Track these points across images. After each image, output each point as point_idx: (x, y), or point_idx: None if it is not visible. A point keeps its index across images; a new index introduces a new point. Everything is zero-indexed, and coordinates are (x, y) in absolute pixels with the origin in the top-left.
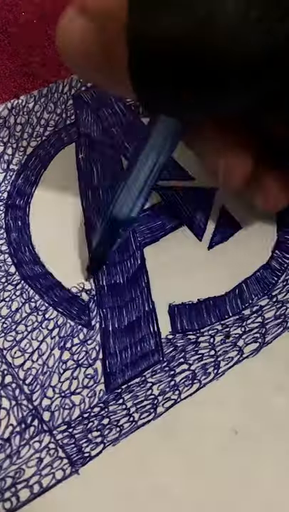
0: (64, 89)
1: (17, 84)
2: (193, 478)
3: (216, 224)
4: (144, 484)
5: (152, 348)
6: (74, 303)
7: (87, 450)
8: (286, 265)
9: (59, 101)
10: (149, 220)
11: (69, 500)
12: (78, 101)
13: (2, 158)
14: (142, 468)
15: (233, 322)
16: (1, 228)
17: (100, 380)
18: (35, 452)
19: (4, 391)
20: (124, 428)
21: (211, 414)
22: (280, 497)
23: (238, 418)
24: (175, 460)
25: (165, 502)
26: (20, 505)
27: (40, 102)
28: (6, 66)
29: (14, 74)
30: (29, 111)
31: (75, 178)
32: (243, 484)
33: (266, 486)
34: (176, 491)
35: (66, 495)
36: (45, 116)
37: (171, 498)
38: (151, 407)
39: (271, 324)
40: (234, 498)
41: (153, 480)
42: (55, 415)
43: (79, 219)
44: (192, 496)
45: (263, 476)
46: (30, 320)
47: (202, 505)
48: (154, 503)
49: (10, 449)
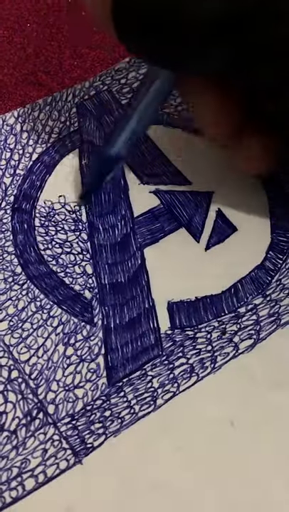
0: (68, 98)
1: (23, 92)
2: (192, 467)
3: (212, 226)
4: (144, 473)
5: (152, 343)
6: (77, 301)
7: (90, 441)
8: (279, 266)
9: (63, 109)
10: (148, 222)
11: (72, 489)
12: (81, 109)
13: (9, 163)
14: (142, 458)
15: (229, 319)
16: (8, 231)
17: (102, 374)
18: (40, 443)
19: (11, 385)
20: (126, 420)
21: (208, 407)
22: (276, 486)
23: (234, 410)
24: (174, 450)
25: (165, 491)
26: (25, 494)
27: (45, 110)
28: (12, 75)
29: (20, 82)
30: (34, 118)
31: (79, 183)
32: (240, 473)
33: (263, 475)
34: (176, 480)
35: (70, 484)
36: (49, 124)
37: (171, 487)
38: (151, 400)
39: (265, 322)
40: (231, 487)
41: (153, 469)
42: (59, 408)
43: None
44: (191, 484)
45: (260, 465)
46: (35, 318)
47: (201, 494)
48: (155, 492)
49: (16, 440)
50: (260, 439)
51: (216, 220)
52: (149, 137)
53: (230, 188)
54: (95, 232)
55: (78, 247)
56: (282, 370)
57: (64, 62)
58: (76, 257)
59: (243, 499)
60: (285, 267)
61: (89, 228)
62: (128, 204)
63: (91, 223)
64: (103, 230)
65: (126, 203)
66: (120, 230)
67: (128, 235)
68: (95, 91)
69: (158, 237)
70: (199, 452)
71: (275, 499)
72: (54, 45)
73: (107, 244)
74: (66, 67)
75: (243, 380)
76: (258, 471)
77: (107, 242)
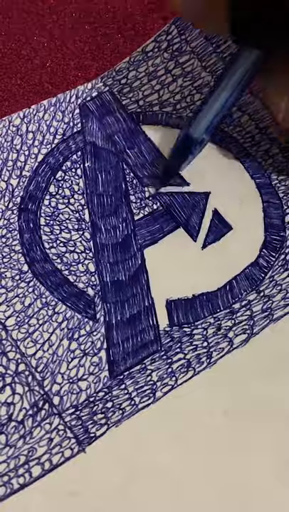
0: (71, 99)
1: (29, 101)
2: (189, 455)
3: (208, 226)
4: (144, 461)
5: (151, 338)
6: (81, 298)
7: (93, 431)
8: (272, 263)
9: (66, 110)
10: (148, 224)
11: (76, 476)
12: (84, 110)
13: (15, 165)
14: (142, 446)
15: (224, 315)
16: (15, 230)
17: (104, 367)
18: (46, 433)
19: (18, 378)
20: (126, 411)
21: (204, 399)
22: (267, 471)
23: (228, 402)
24: (172, 439)
25: (164, 477)
26: (32, 481)
27: (49, 111)
28: (20, 85)
29: (27, 92)
30: (39, 119)
31: (82, 184)
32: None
33: (254, 462)
34: (174, 467)
35: (74, 471)
36: (54, 125)
37: (170, 474)
38: (151, 392)
39: (259, 317)
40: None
41: (152, 457)
42: (63, 399)
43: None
44: (188, 471)
45: (252, 453)
46: (41, 314)
47: (197, 480)
48: (154, 478)
49: (23, 430)
50: (253, 430)
51: (212, 220)
52: (148, 138)
53: (226, 188)
54: (98, 232)
55: (81, 245)
56: (274, 363)
57: (68, 73)
58: (79, 255)
59: (236, 484)
60: (277, 264)
61: (92, 228)
62: (129, 207)
63: (94, 223)
64: (105, 230)
65: (127, 206)
66: (122, 231)
67: (129, 236)
68: (96, 92)
69: (157, 238)
70: (196, 441)
71: (266, 483)
72: (59, 57)
73: (108, 243)
74: (70, 78)
75: (237, 373)
76: (250, 458)
77: (109, 242)
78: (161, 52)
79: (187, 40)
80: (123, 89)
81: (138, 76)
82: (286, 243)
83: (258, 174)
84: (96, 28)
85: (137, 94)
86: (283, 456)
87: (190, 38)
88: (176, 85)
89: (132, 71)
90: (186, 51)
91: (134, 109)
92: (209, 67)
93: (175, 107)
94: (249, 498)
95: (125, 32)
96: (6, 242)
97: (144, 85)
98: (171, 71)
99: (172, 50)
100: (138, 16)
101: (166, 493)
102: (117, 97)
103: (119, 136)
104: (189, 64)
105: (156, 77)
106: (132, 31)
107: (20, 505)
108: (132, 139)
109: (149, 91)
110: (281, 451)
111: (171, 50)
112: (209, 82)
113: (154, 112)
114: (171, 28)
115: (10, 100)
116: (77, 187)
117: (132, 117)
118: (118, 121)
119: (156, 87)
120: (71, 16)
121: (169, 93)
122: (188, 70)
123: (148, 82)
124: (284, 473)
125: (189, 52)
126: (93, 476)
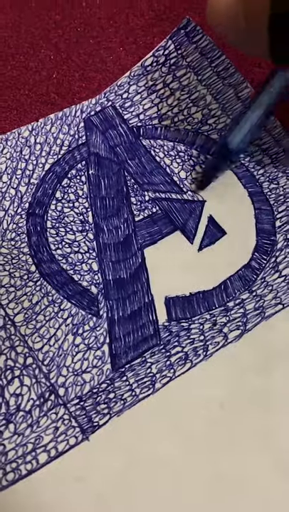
0: (76, 114)
1: (37, 111)
2: (187, 443)
3: (204, 230)
4: (144, 449)
5: (151, 333)
6: (85, 296)
7: (96, 420)
8: (264, 265)
9: (72, 123)
10: (148, 225)
11: (81, 462)
12: (88, 124)
13: (24, 173)
14: (142, 434)
15: (219, 312)
16: (23, 233)
17: (106, 360)
18: (52, 422)
19: (26, 371)
20: (128, 401)
21: (200, 390)
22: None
23: (223, 393)
24: (171, 428)
25: (163, 464)
26: (39, 467)
27: (56, 125)
28: (28, 96)
29: (35, 102)
30: (47, 132)
31: (86, 189)
32: (228, 449)
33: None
34: (172, 454)
35: (78, 458)
36: (60, 137)
37: (168, 461)
38: (150, 383)
39: (251, 314)
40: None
41: (152, 445)
42: (68, 391)
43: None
44: (186, 458)
45: (246, 442)
46: (47, 311)
47: (194, 466)
48: (153, 465)
49: (31, 419)
50: (246, 419)
51: (207, 225)
52: (148, 151)
53: (220, 197)
54: (100, 233)
55: (85, 246)
56: (266, 357)
57: (73, 84)
58: (83, 255)
59: (231, 471)
60: (268, 266)
61: (95, 229)
62: (130, 209)
63: (97, 224)
64: (107, 231)
65: (128, 207)
66: (123, 232)
67: (130, 236)
68: (100, 107)
69: (156, 239)
70: (193, 430)
71: (259, 471)
72: (64, 69)
73: (111, 243)
74: (75, 89)
75: (231, 366)
76: (245, 447)
77: (111, 242)
78: (160, 66)
79: (183, 55)
80: (125, 104)
81: (138, 90)
82: (276, 247)
83: (251, 183)
84: (99, 41)
85: (137, 108)
86: (275, 443)
87: (186, 53)
88: (173, 98)
89: (133, 85)
90: (183, 65)
91: (134, 123)
92: (204, 81)
93: (173, 119)
94: (244, 483)
95: (127, 45)
96: (15, 244)
97: (144, 99)
98: (169, 85)
99: (170, 65)
100: (139, 31)
101: (164, 479)
102: (119, 111)
103: (121, 148)
104: (186, 78)
105: (155, 90)
106: (133, 45)
107: (29, 490)
108: (133, 151)
109: (148, 105)
110: (273, 439)
111: (168, 65)
112: (205, 95)
113: (153, 126)
114: (168, 43)
115: (18, 109)
116: (81, 192)
117: (133, 131)
118: (120, 134)
119: (155, 100)
120: (76, 31)
121: (168, 106)
122: (184, 84)
123: (148, 96)
124: (277, 460)
125: (186, 67)
126: (97, 462)
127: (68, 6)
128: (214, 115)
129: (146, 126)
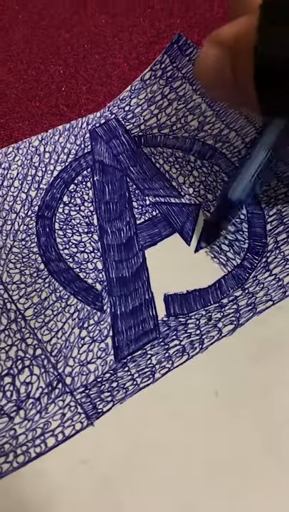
0: (82, 125)
1: (48, 122)
2: (184, 427)
3: (200, 232)
4: (145, 433)
5: (151, 327)
6: (90, 292)
7: (100, 407)
8: (255, 265)
9: (78, 134)
10: (149, 228)
11: (86, 446)
12: (93, 134)
13: (34, 179)
14: (143, 420)
15: (214, 308)
16: (33, 234)
17: (110, 352)
18: (59, 409)
19: (35, 361)
20: (129, 390)
21: (196, 380)
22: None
23: (218, 382)
24: (169, 414)
25: (162, 447)
26: (47, 450)
27: (64, 135)
28: (39, 107)
29: (45, 114)
30: (55, 141)
31: (91, 194)
32: (223, 434)
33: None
34: (171, 438)
35: (84, 442)
36: (67, 146)
37: (167, 444)
38: (150, 374)
39: (244, 310)
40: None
41: (152, 430)
42: (75, 380)
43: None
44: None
45: (239, 428)
46: (55, 306)
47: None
48: (154, 448)
49: (40, 406)
50: (239, 405)
51: (203, 228)
52: (149, 158)
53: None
54: (105, 234)
55: (90, 246)
56: (257, 349)
57: (81, 97)
58: (89, 255)
59: (226, 453)
60: (260, 266)
61: (99, 231)
62: (132, 212)
63: (101, 226)
64: (111, 233)
65: (130, 211)
66: (125, 234)
67: (132, 238)
68: (104, 119)
69: (156, 241)
70: (190, 416)
71: (252, 451)
72: (73, 82)
73: (114, 244)
74: (82, 101)
75: (225, 358)
76: (238, 431)
77: (115, 243)
78: (157, 79)
79: (178, 67)
80: (127, 116)
81: (139, 103)
82: (267, 248)
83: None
84: (105, 57)
85: (138, 120)
86: (265, 428)
87: (181, 65)
88: (171, 108)
89: (134, 98)
90: (178, 77)
91: (136, 132)
92: (199, 90)
93: (171, 128)
94: (237, 464)
95: (130, 61)
96: (25, 244)
97: (144, 111)
98: (167, 96)
99: (166, 77)
100: (141, 48)
101: (165, 462)
102: (122, 122)
103: (123, 156)
104: (182, 88)
105: (155, 102)
106: (136, 60)
107: (38, 471)
108: (135, 159)
109: (148, 115)
110: (264, 424)
111: (165, 77)
112: (200, 103)
113: (153, 135)
114: (164, 58)
115: (30, 120)
116: (87, 196)
117: (135, 140)
118: (122, 143)
119: (154, 111)
120: (83, 48)
121: (166, 116)
122: (181, 94)
123: (148, 107)
124: (267, 442)
125: (181, 78)
126: (101, 446)
127: (77, 25)
128: (209, 122)
129: (147, 135)
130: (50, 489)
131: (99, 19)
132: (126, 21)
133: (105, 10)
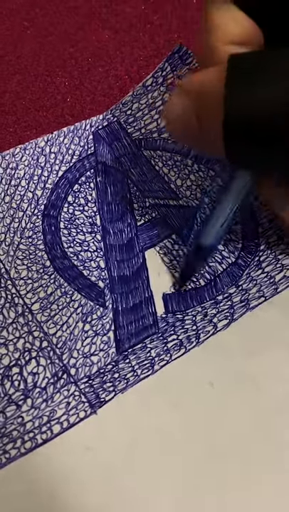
0: (86, 127)
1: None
2: (182, 416)
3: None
4: (145, 421)
5: (151, 323)
6: (93, 289)
7: (103, 396)
8: (249, 263)
9: (82, 136)
10: (148, 229)
11: (89, 433)
12: (96, 136)
13: (40, 179)
14: (143, 409)
15: (209, 305)
16: (39, 232)
17: (112, 345)
18: (64, 398)
19: (42, 353)
20: (130, 380)
21: (193, 371)
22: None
23: (213, 374)
24: (168, 403)
25: (162, 434)
26: (53, 437)
27: (68, 137)
28: (45, 116)
29: (52, 123)
30: (60, 143)
31: (95, 195)
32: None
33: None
34: (170, 426)
35: (87, 429)
36: (72, 147)
37: (167, 432)
38: (150, 366)
39: (238, 306)
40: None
41: (153, 418)
42: (79, 371)
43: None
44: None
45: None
46: (60, 301)
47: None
48: (155, 436)
49: (46, 395)
50: (233, 395)
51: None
52: (149, 160)
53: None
54: (107, 235)
55: (94, 245)
56: (250, 343)
57: (85, 107)
58: (92, 254)
59: (222, 440)
60: (253, 264)
61: (102, 231)
62: (133, 214)
63: (104, 227)
64: (113, 234)
65: (131, 213)
66: (127, 235)
67: (133, 239)
68: (107, 122)
69: (155, 242)
70: (187, 405)
71: (245, 437)
72: (77, 94)
73: (116, 245)
74: (87, 111)
75: (220, 351)
76: (233, 421)
77: (116, 243)
78: (158, 86)
79: (178, 75)
80: (128, 119)
81: (140, 107)
82: (260, 248)
83: None
84: (107, 70)
85: (139, 124)
86: (257, 417)
87: (181, 74)
88: None
89: (135, 103)
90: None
91: (137, 136)
92: None
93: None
94: (234, 450)
95: (131, 74)
96: (32, 241)
97: (145, 115)
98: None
99: (167, 84)
100: (142, 61)
101: (164, 449)
102: (124, 126)
103: (125, 158)
104: None
105: (155, 107)
106: (137, 73)
107: (44, 456)
108: (136, 161)
109: (149, 120)
110: (256, 413)
111: (166, 84)
112: None
113: (153, 139)
114: (165, 65)
115: (37, 128)
116: (90, 197)
117: (136, 143)
118: (124, 146)
119: (155, 116)
120: (87, 61)
121: None
122: None
123: (148, 112)
124: (258, 429)
125: None
126: (104, 433)
127: (81, 40)
128: None
129: (147, 138)
130: (56, 474)
131: (102, 34)
132: (127, 36)
133: (108, 26)
